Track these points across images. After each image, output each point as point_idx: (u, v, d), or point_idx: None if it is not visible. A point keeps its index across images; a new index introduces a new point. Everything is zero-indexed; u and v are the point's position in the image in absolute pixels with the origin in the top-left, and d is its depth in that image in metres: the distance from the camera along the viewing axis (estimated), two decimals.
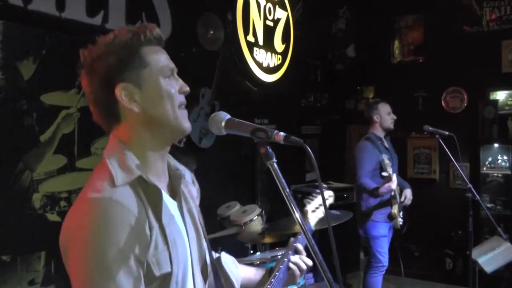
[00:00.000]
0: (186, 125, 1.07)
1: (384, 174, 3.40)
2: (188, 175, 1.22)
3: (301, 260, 1.49)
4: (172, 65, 1.07)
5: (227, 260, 1.39)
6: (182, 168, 1.17)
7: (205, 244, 1.16)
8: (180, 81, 1.08)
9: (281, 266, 1.44)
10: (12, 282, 2.13)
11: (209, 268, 1.18)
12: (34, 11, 2.23)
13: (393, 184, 3.32)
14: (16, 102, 2.16)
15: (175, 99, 1.04)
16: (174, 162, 1.16)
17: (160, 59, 1.05)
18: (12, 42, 2.13)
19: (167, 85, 1.04)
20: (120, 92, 1.00)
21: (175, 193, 1.11)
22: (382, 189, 3.38)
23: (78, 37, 2.39)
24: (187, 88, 1.08)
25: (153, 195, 0.99)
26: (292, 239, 1.62)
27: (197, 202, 1.23)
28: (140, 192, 0.98)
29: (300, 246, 1.55)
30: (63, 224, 0.97)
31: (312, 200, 1.90)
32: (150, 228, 0.95)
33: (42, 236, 2.24)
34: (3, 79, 2.10)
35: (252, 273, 1.47)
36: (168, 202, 1.06)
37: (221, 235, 2.91)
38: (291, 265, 1.47)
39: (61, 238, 0.96)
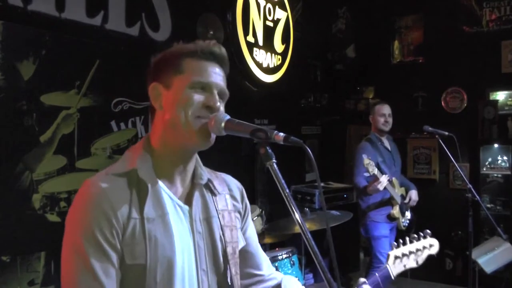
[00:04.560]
0: (199, 138, 1.08)
1: (365, 174, 3.41)
2: (236, 191, 1.30)
3: None
4: (209, 80, 1.09)
5: (289, 284, 1.35)
6: (220, 183, 1.26)
7: (221, 258, 1.15)
8: (213, 97, 1.09)
9: None
10: (12, 282, 2.13)
11: (231, 282, 1.16)
12: (34, 12, 2.22)
13: (380, 185, 3.32)
14: (16, 102, 2.15)
15: (191, 108, 1.06)
16: (204, 172, 1.21)
17: (198, 72, 1.09)
18: (12, 42, 2.13)
19: (190, 94, 1.07)
20: (151, 89, 1.13)
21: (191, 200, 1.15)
22: (369, 188, 3.40)
23: (78, 38, 2.39)
24: (211, 103, 1.08)
25: (142, 190, 1.05)
26: (362, 279, 1.54)
27: (245, 218, 1.29)
28: (133, 184, 1.05)
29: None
30: None
31: (413, 241, 1.68)
32: (128, 218, 1.01)
33: (42, 237, 2.24)
34: (3, 79, 2.10)
35: None
36: (169, 201, 1.09)
37: None
38: None
39: None
